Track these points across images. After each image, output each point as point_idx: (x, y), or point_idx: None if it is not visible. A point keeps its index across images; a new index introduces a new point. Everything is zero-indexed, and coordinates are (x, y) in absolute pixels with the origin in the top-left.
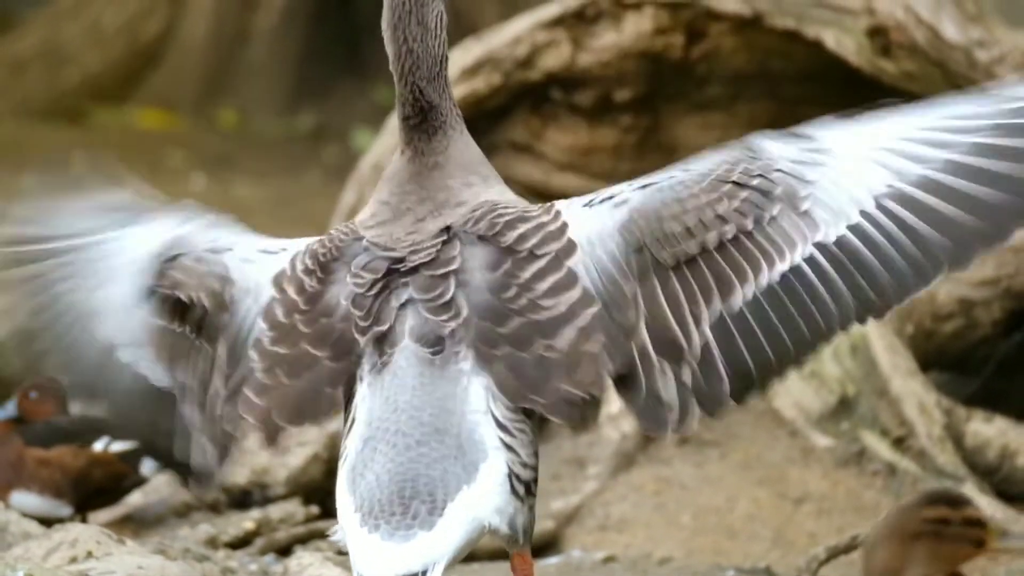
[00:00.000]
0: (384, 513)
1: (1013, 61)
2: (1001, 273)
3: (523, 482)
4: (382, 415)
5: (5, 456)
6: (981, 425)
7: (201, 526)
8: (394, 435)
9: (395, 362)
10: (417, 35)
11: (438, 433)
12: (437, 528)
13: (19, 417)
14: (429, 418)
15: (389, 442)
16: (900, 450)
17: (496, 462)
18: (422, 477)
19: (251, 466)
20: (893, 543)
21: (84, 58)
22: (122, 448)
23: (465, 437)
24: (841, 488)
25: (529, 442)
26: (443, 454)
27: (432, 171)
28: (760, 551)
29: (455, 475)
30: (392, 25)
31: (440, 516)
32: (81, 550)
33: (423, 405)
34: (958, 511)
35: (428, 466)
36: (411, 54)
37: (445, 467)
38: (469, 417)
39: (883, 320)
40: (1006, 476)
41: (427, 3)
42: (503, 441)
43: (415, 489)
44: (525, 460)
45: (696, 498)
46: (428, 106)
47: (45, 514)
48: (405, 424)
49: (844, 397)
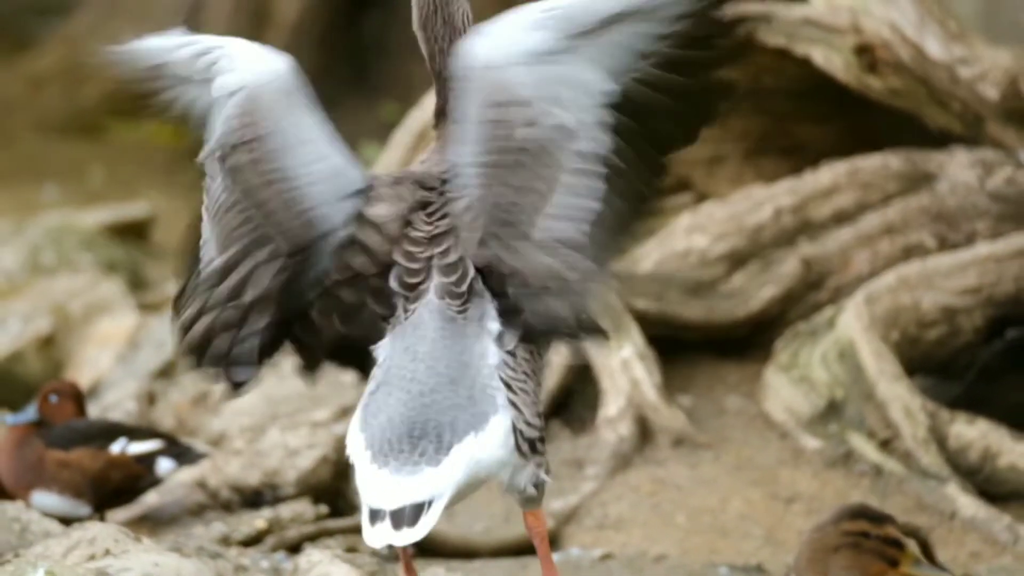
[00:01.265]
0: (393, 451)
1: (994, 78)
2: (983, 282)
3: (527, 439)
4: (400, 362)
5: (27, 458)
6: (964, 427)
7: (215, 525)
8: (409, 382)
9: (419, 314)
10: (444, 34)
11: (452, 383)
12: (442, 465)
13: (40, 420)
14: (445, 369)
15: (404, 388)
16: (886, 451)
17: (504, 416)
18: (432, 421)
19: (263, 467)
20: (816, 556)
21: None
22: (138, 450)
23: (478, 390)
24: (830, 488)
25: (532, 403)
26: (454, 403)
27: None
28: (752, 549)
29: (464, 421)
30: (421, 25)
31: (446, 455)
32: (99, 548)
33: (441, 356)
34: (878, 527)
35: (439, 412)
36: (442, 53)
37: (455, 415)
38: (484, 371)
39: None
40: (988, 476)
41: (452, 2)
42: (509, 399)
43: (424, 430)
44: (528, 419)
45: (690, 498)
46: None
47: (65, 514)
48: (422, 373)
49: (832, 401)
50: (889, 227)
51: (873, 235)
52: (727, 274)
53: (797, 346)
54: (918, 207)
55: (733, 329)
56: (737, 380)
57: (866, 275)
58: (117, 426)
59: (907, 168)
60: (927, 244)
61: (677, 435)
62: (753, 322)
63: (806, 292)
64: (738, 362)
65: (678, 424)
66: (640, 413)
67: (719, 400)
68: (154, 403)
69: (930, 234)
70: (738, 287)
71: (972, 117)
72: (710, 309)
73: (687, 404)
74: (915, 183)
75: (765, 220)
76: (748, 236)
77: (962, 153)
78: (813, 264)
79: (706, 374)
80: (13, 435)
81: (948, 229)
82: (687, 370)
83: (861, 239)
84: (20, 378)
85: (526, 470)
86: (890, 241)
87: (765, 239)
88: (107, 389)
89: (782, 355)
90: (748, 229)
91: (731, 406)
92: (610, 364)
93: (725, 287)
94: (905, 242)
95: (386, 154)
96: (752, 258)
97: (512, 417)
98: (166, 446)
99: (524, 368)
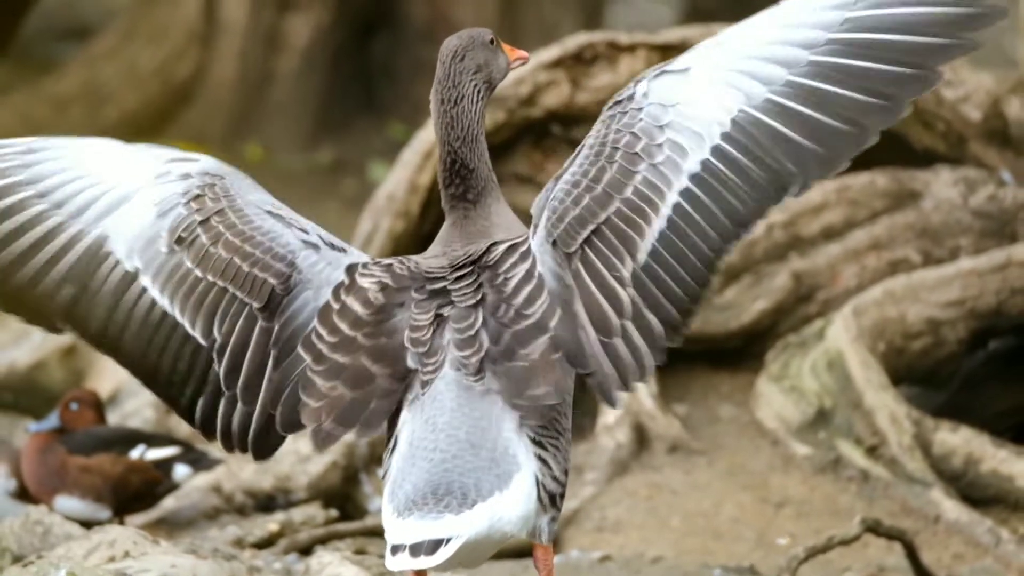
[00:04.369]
0: (418, 505)
1: (977, 99)
2: (966, 295)
3: (549, 493)
4: (422, 435)
5: (49, 464)
6: (948, 435)
7: (229, 528)
8: (432, 451)
9: (435, 387)
10: (453, 100)
11: (473, 448)
12: (464, 515)
13: (62, 427)
14: (465, 435)
15: (427, 458)
16: (873, 458)
17: (527, 474)
18: (456, 482)
19: (275, 473)
20: None
21: (122, 97)
22: (156, 456)
23: (500, 452)
24: (819, 493)
25: (562, 459)
26: (477, 465)
27: (473, 235)
28: (744, 551)
29: (488, 482)
30: (433, 91)
31: (469, 509)
32: (119, 550)
33: (460, 424)
34: None
35: (462, 474)
36: (446, 115)
37: (479, 476)
38: (504, 435)
39: (856, 339)
40: (971, 481)
41: (465, 73)
42: (537, 455)
43: (448, 490)
44: (556, 475)
45: (685, 502)
46: (465, 169)
47: (86, 517)
48: (443, 442)
49: (821, 409)
50: (876, 243)
51: (861, 250)
52: (721, 287)
53: (788, 357)
54: (904, 223)
55: (727, 340)
56: (730, 389)
57: (854, 289)
58: (136, 433)
59: (893, 186)
60: (912, 259)
61: (673, 442)
62: (746, 334)
63: (796, 305)
64: (731, 372)
65: (674, 431)
66: (637, 421)
67: (713, 408)
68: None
69: (915, 249)
70: (731, 300)
71: (956, 137)
72: (705, 321)
73: (682, 412)
74: (901, 200)
75: (757, 236)
76: (741, 251)
77: (946, 172)
78: (803, 278)
79: (701, 383)
80: (36, 442)
81: (933, 245)
82: (682, 380)
83: (849, 254)
84: (43, 387)
85: (543, 521)
86: (877, 256)
87: (757, 254)
88: (126, 397)
89: (773, 365)
90: (741, 244)
91: (724, 414)
92: None
93: (719, 300)
94: (891, 257)
95: (394, 172)
96: (745, 272)
97: (537, 471)
98: (183, 452)
99: (556, 427)
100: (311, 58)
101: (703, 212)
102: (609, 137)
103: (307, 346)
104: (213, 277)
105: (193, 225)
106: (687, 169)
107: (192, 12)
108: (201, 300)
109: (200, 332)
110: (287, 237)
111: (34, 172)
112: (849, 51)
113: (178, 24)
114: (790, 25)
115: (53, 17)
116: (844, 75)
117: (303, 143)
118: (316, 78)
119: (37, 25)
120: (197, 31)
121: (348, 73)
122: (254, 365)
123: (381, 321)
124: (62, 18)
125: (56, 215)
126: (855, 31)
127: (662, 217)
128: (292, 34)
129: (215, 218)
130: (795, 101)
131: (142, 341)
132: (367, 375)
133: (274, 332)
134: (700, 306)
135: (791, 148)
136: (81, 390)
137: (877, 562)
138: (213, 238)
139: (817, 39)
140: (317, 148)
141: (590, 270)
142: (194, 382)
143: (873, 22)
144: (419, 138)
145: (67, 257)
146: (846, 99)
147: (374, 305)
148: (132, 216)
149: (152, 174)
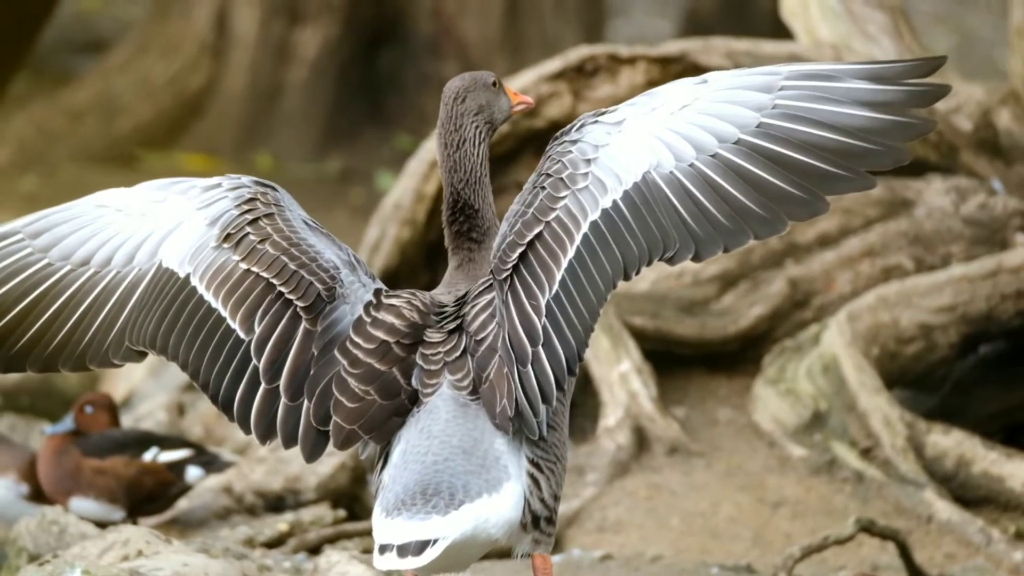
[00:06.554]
0: (406, 505)
1: (968, 110)
2: (958, 301)
3: (533, 512)
4: (416, 443)
5: (65, 466)
6: (940, 437)
7: (240, 528)
8: (424, 455)
9: (432, 402)
10: (455, 143)
11: (465, 453)
12: (450, 516)
13: (76, 430)
14: (458, 442)
15: (419, 460)
16: (867, 459)
17: (516, 484)
18: (445, 482)
19: (284, 474)
20: None
21: (135, 108)
22: (169, 458)
23: (491, 460)
24: (814, 494)
25: (555, 484)
26: (467, 469)
27: (478, 278)
28: (741, 550)
29: (477, 485)
30: (437, 133)
31: (455, 510)
32: (132, 549)
33: (453, 432)
34: None
35: (452, 476)
36: (449, 158)
37: (468, 479)
38: (496, 446)
39: (851, 344)
40: (962, 482)
41: (466, 115)
42: (529, 472)
43: (436, 489)
44: (544, 496)
45: (684, 503)
46: (470, 209)
47: (100, 518)
48: (436, 447)
49: (817, 412)
50: (870, 250)
51: (855, 257)
52: (719, 294)
53: (784, 361)
54: (897, 231)
55: (724, 345)
56: (728, 392)
57: (848, 295)
58: (149, 436)
59: (887, 195)
60: (905, 266)
61: (672, 444)
62: (743, 338)
63: (792, 311)
64: (729, 376)
65: (672, 434)
66: (637, 423)
67: (711, 411)
68: (183, 414)
69: (908, 256)
70: (729, 306)
71: (947, 147)
72: (703, 326)
73: (681, 415)
74: (894, 209)
75: (754, 243)
76: (738, 258)
77: (938, 181)
78: (799, 284)
79: (699, 387)
80: (52, 444)
81: (925, 252)
82: (681, 383)
83: (844, 261)
84: (58, 391)
85: (524, 539)
86: (871, 263)
87: (754, 261)
88: (139, 401)
89: (770, 369)
90: (738, 252)
91: (722, 417)
92: (609, 377)
93: (717, 306)
94: (885, 264)
95: (400, 181)
96: (742, 279)
97: (526, 487)
98: (195, 454)
99: (554, 452)
100: (320, 70)
101: (605, 249)
102: (544, 166)
103: (343, 351)
104: (259, 269)
105: (242, 224)
106: (602, 205)
107: (203, 25)
108: (246, 294)
109: (241, 325)
110: (330, 253)
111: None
112: (777, 138)
113: (190, 37)
114: (727, 101)
115: (69, 31)
116: (771, 160)
117: (312, 153)
118: (325, 90)
119: (53, 38)
120: (208, 44)
121: (356, 85)
122: (298, 362)
123: (410, 335)
124: (78, 32)
125: (106, 271)
126: (781, 120)
127: (574, 247)
128: (301, 47)
129: (264, 220)
130: (716, 173)
131: (184, 335)
132: (396, 387)
133: (316, 334)
134: (585, 350)
135: (695, 216)
136: (95, 394)
137: (871, 561)
138: (262, 236)
139: (749, 121)
140: (325, 158)
141: (515, 297)
142: (232, 375)
143: (802, 112)
144: (425, 148)
145: (135, 297)
146: (767, 183)
147: (407, 319)
148: (185, 234)
149: (194, 206)
